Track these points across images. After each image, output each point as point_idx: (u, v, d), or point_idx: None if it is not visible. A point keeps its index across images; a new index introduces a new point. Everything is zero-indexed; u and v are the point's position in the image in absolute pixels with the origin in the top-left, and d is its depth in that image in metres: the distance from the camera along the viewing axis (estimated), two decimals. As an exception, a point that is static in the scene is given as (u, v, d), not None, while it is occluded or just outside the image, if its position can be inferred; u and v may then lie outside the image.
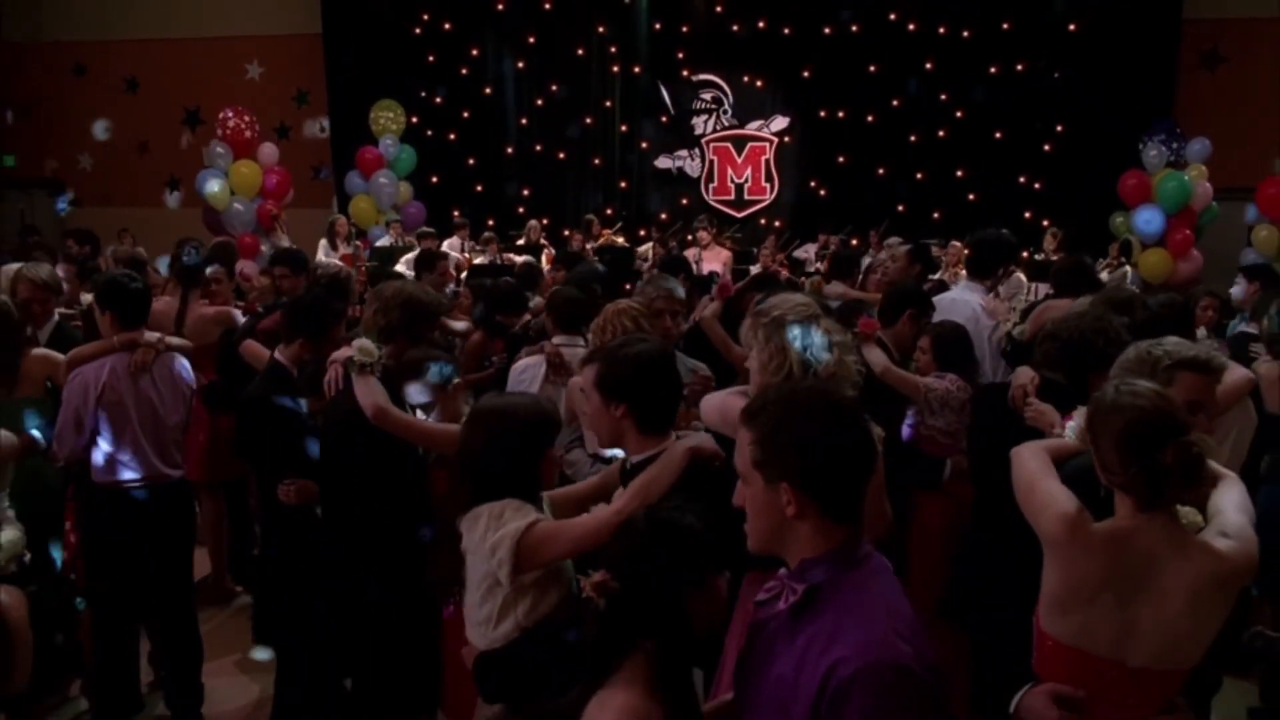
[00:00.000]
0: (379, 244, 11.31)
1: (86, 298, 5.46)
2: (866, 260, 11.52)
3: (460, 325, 5.92)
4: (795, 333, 2.58)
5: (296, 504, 3.67)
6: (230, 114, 11.87)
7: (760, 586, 1.86)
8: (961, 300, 4.99)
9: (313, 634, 3.75)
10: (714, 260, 8.98)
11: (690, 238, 10.83)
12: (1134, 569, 2.08)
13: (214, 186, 11.26)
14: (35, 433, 3.84)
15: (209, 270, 5.54)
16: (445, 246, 10.98)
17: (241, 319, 5.47)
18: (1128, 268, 10.60)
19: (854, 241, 12.55)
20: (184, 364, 4.25)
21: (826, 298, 6.65)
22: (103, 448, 3.96)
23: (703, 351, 4.52)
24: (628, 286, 10.59)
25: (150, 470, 4.06)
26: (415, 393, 3.15)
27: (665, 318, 3.79)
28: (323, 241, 11.13)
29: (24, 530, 3.55)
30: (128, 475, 4.00)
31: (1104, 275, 10.43)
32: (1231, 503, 2.19)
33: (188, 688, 4.35)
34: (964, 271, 10.33)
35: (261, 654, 4.39)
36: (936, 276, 10.34)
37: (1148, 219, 11.80)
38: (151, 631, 4.37)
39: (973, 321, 4.77)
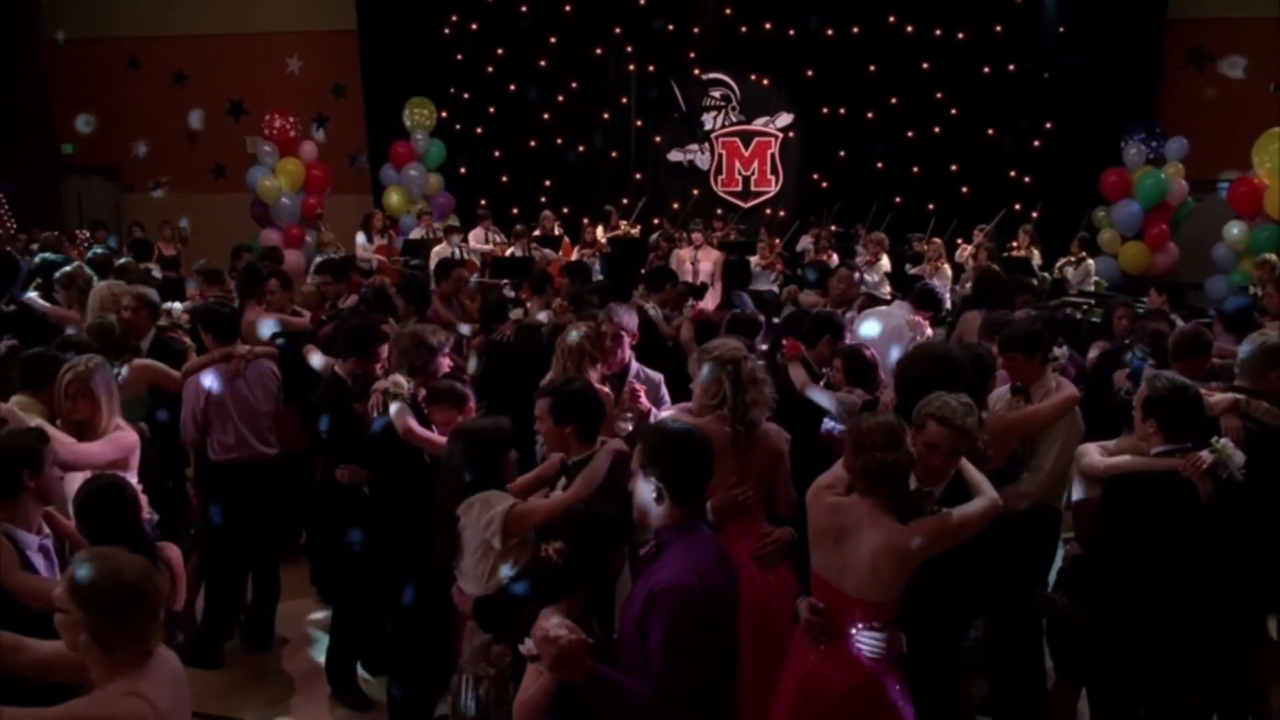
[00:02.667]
0: (411, 237, 12.28)
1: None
2: (858, 249, 12.42)
3: (465, 329, 6.99)
4: None
5: (348, 483, 4.74)
6: (276, 115, 12.85)
7: None
8: (895, 314, 5.96)
9: (363, 587, 4.80)
10: (707, 260, 9.86)
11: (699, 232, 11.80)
12: (842, 528, 3.08)
13: (265, 182, 12.30)
14: (142, 424, 4.94)
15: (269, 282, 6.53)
16: (470, 237, 11.98)
17: (290, 323, 6.37)
18: (1090, 262, 11.37)
19: (856, 229, 13.39)
20: (270, 365, 5.38)
21: (802, 306, 7.61)
22: (214, 434, 5.13)
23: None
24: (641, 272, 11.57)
25: (250, 450, 5.21)
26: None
27: (607, 338, 4.73)
28: (359, 234, 12.18)
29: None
30: (233, 455, 5.15)
31: (1068, 271, 11.29)
32: (961, 507, 3.15)
33: (263, 624, 5.48)
34: (947, 267, 11.22)
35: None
36: (916, 270, 11.25)
37: (1127, 213, 12.58)
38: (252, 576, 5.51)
39: (899, 331, 5.76)
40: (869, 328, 5.64)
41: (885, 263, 11.68)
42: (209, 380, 5.04)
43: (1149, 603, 3.49)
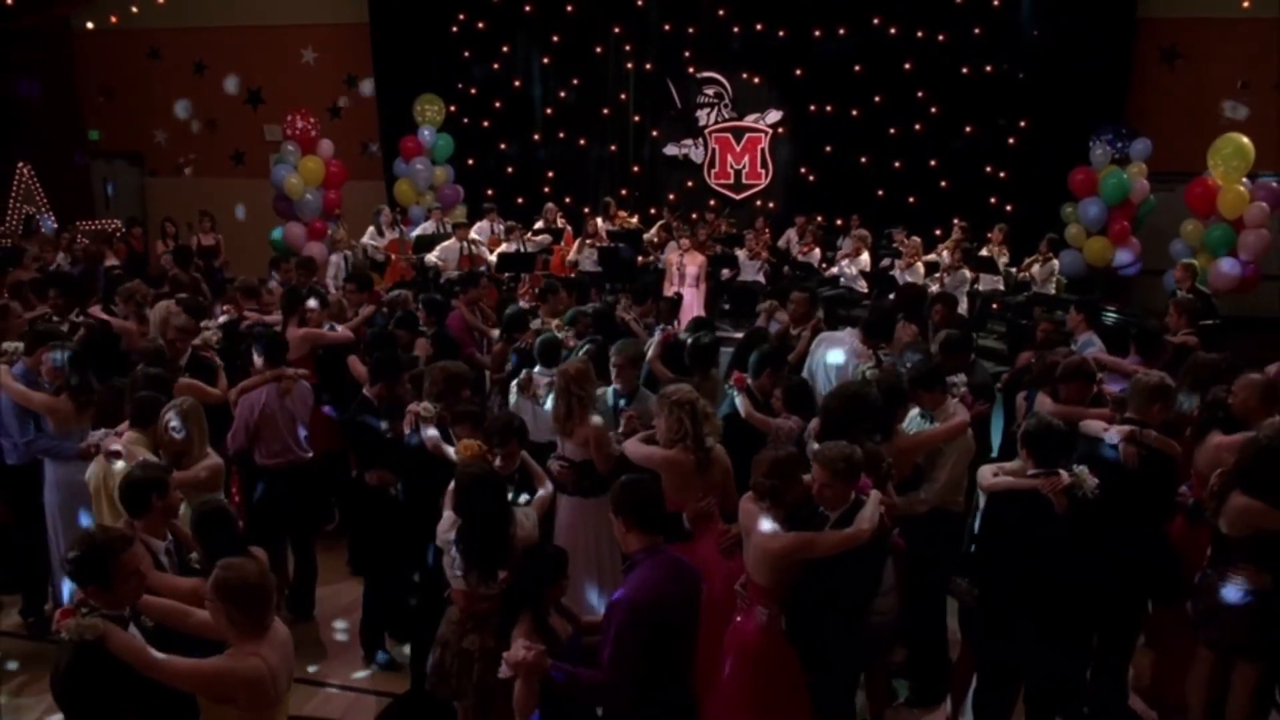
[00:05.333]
0: (421, 233, 13.09)
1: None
2: (843, 241, 13.25)
3: (494, 332, 7.97)
4: None
5: (376, 486, 5.70)
6: (297, 117, 13.68)
7: None
8: (841, 340, 6.73)
9: (390, 566, 5.76)
10: (693, 264, 10.73)
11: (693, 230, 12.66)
12: (747, 529, 4.09)
13: (291, 180, 13.20)
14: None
15: (309, 303, 7.35)
16: (475, 230, 12.79)
17: (326, 338, 7.28)
18: (1054, 262, 12.22)
19: (851, 220, 14.21)
20: (305, 384, 6.33)
21: (777, 323, 8.42)
22: (263, 442, 6.09)
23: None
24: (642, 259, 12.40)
25: (292, 455, 6.17)
26: None
27: (618, 370, 5.77)
28: (370, 229, 13.05)
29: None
30: (278, 459, 6.12)
31: (1035, 269, 12.16)
32: (827, 532, 4.06)
33: (305, 597, 6.46)
34: (920, 265, 12.05)
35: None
36: (895, 272, 12.08)
37: (1092, 210, 13.35)
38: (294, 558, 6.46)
39: (846, 360, 6.57)
40: (820, 356, 6.55)
41: (865, 259, 12.54)
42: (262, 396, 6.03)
43: (1022, 587, 4.44)
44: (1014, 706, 4.80)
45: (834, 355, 6.57)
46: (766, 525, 4.02)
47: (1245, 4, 12.33)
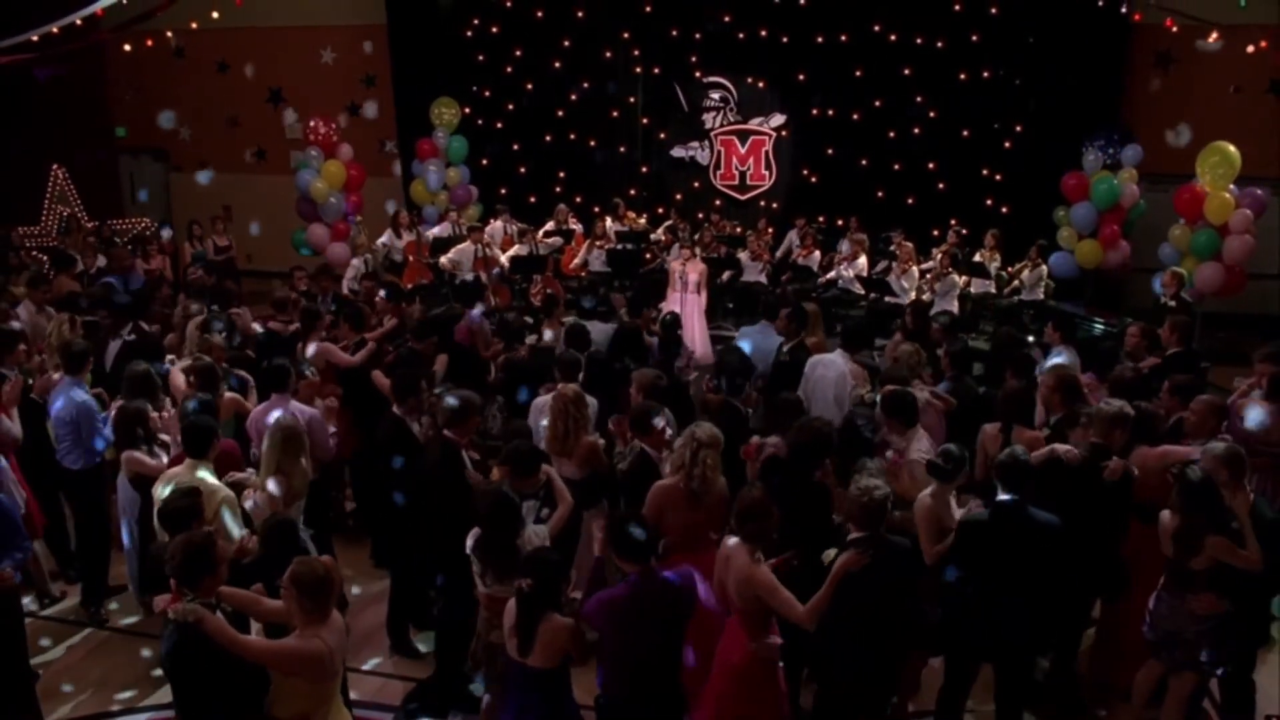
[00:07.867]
0: (438, 234, 13.67)
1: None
2: (843, 243, 13.76)
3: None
4: None
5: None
6: (320, 123, 14.24)
7: None
8: (836, 363, 7.23)
9: (410, 561, 6.37)
10: (694, 271, 11.29)
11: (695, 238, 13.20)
12: (725, 558, 4.58)
13: (317, 185, 13.81)
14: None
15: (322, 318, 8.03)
16: (488, 231, 13.39)
17: (340, 357, 7.83)
18: (1043, 267, 12.71)
19: (840, 222, 14.72)
20: (304, 409, 6.67)
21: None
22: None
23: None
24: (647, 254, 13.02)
25: None
26: None
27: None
28: (388, 231, 13.64)
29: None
30: None
31: (1024, 275, 12.66)
32: (789, 599, 4.48)
33: (331, 590, 7.12)
34: (914, 269, 12.53)
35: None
36: (890, 277, 12.58)
37: (1083, 214, 13.84)
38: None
39: (841, 381, 7.09)
40: (815, 374, 7.10)
41: (862, 262, 13.07)
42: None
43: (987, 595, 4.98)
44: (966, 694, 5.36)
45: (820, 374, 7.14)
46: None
47: (1213, 36, 12.64)
